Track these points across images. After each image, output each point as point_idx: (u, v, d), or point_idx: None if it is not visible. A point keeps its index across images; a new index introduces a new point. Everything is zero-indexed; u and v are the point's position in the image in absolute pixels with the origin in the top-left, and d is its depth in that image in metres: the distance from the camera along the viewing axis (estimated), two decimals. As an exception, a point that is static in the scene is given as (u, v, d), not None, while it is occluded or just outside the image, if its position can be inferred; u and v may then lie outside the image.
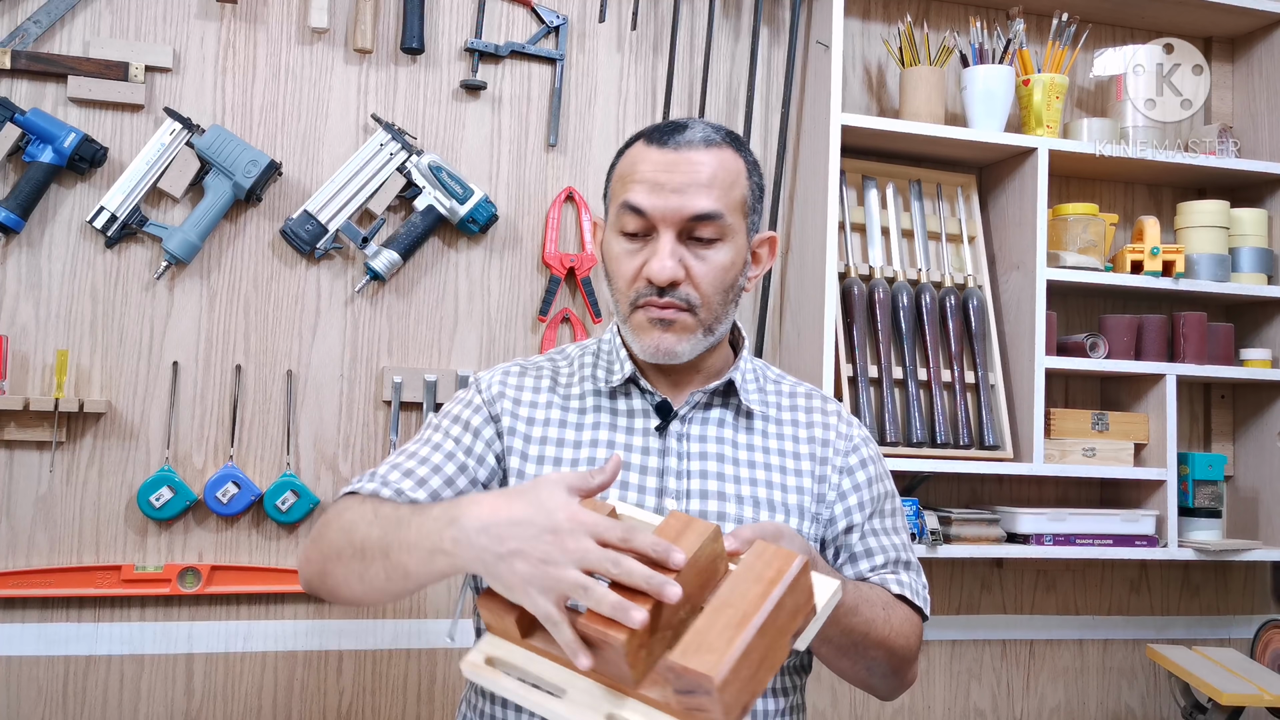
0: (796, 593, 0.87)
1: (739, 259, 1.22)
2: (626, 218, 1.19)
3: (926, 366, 2.18)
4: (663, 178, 1.17)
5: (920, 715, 2.28)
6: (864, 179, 2.24)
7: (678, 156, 1.18)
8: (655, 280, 1.17)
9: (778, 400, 1.31)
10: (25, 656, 1.85)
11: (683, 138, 1.19)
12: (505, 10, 2.11)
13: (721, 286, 1.20)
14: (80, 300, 1.90)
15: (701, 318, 1.20)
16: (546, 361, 1.33)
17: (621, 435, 1.23)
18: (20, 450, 1.87)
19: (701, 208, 1.16)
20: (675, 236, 1.17)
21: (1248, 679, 2.02)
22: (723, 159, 1.20)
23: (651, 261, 1.17)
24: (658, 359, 1.21)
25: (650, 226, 1.18)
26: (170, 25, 1.96)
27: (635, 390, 1.26)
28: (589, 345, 1.34)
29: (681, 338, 1.19)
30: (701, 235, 1.18)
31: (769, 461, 1.25)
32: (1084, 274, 2.20)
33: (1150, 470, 2.21)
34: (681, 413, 1.24)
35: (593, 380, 1.27)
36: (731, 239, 1.20)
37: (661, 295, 1.18)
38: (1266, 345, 2.36)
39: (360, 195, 1.99)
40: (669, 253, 1.16)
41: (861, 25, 2.31)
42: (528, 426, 1.24)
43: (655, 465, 1.22)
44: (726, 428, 1.26)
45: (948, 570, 2.30)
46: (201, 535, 1.93)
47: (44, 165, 1.85)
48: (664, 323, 1.19)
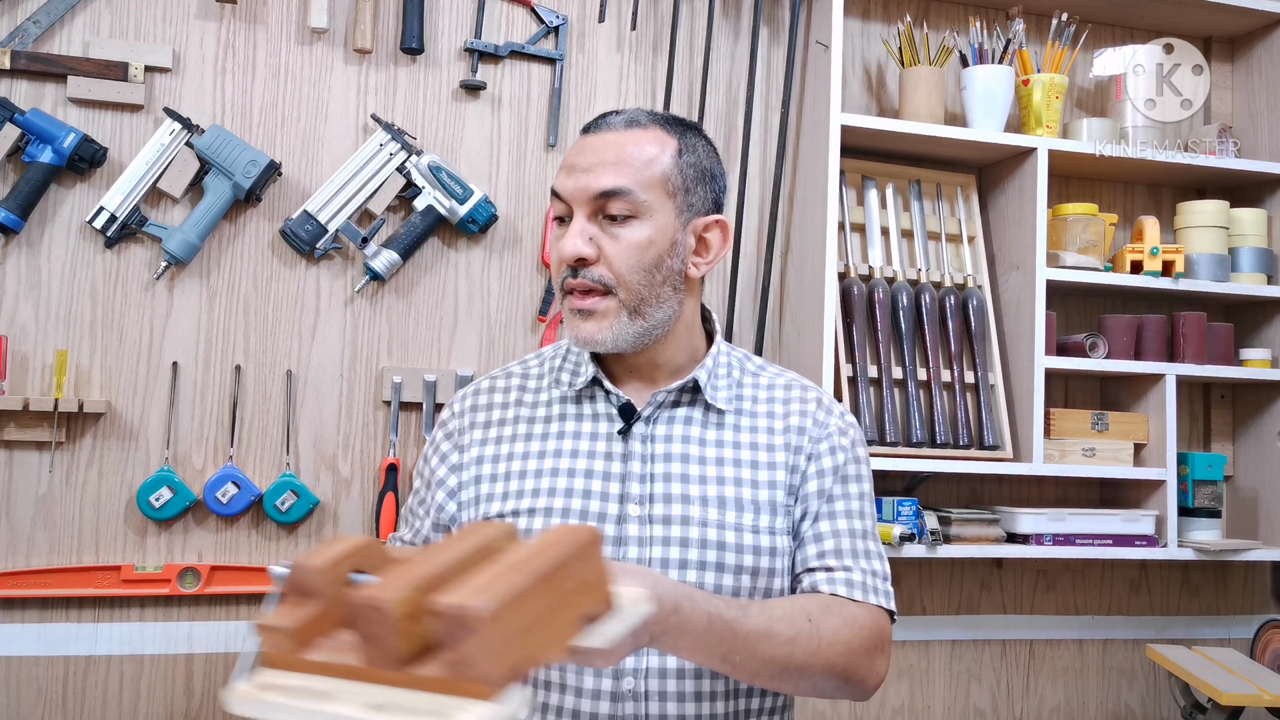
0: (586, 562, 0.83)
1: (661, 238, 1.18)
2: (553, 204, 1.21)
3: (926, 366, 2.18)
4: (577, 160, 1.19)
5: (920, 715, 2.28)
6: (864, 179, 2.24)
7: (595, 139, 1.20)
8: (562, 258, 1.17)
9: (754, 393, 1.28)
10: (25, 656, 1.85)
11: (606, 121, 1.21)
12: (505, 10, 2.11)
13: (639, 265, 1.17)
14: (80, 300, 1.90)
15: (622, 299, 1.17)
16: (519, 367, 1.33)
17: (585, 442, 1.22)
18: (20, 450, 1.87)
19: (606, 184, 1.16)
20: (587, 216, 1.17)
21: (1247, 679, 2.02)
22: (642, 137, 1.19)
23: (562, 240, 1.18)
24: (588, 348, 1.20)
25: (570, 209, 1.19)
26: (170, 25, 1.96)
27: (600, 392, 1.24)
28: (562, 345, 1.31)
29: (601, 325, 1.17)
30: (612, 212, 1.17)
31: (739, 458, 1.23)
32: (1084, 274, 2.20)
33: (1150, 470, 2.21)
34: (645, 414, 1.22)
35: (559, 385, 1.27)
36: (649, 216, 1.17)
37: (575, 275, 1.17)
38: (1266, 345, 2.36)
39: (360, 195, 1.99)
40: (577, 231, 1.17)
41: (861, 25, 2.31)
42: (496, 446, 1.25)
43: (618, 470, 1.20)
44: (694, 425, 1.24)
45: (947, 570, 2.30)
46: (201, 535, 1.93)
47: (44, 165, 1.85)
48: (583, 313, 1.18)
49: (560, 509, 1.18)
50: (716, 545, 1.18)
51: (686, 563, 1.17)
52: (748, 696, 1.20)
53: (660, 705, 1.15)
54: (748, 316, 2.18)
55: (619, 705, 1.14)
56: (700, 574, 1.17)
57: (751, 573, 1.19)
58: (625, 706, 1.14)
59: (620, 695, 1.14)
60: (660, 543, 1.17)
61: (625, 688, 1.15)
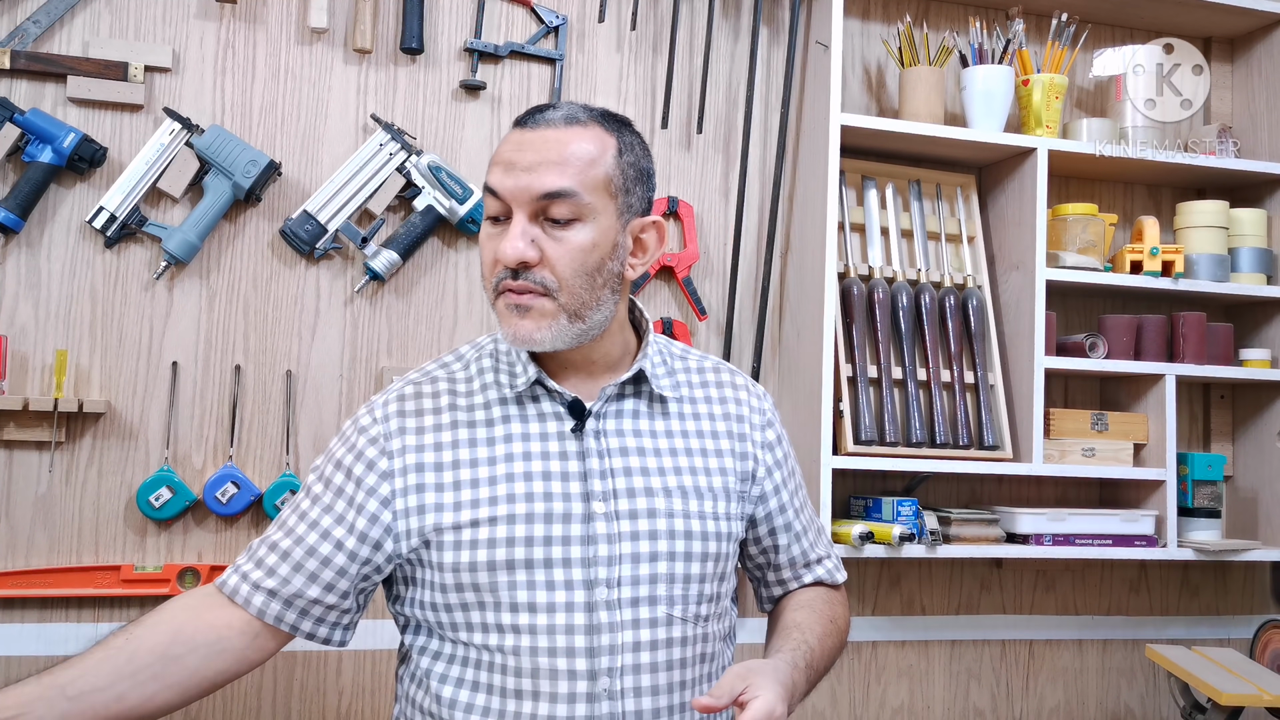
0: None
1: (604, 241, 1.16)
2: (487, 200, 1.17)
3: (926, 367, 2.18)
4: (515, 156, 1.14)
5: (920, 715, 2.28)
6: (863, 179, 2.24)
7: (534, 135, 1.15)
8: (503, 261, 1.13)
9: (687, 379, 1.29)
10: (25, 656, 1.85)
11: (544, 116, 1.17)
12: (505, 10, 2.11)
13: (582, 269, 1.14)
14: (80, 300, 1.90)
15: (562, 302, 1.14)
16: (440, 370, 1.27)
17: (536, 443, 1.19)
18: (19, 450, 1.87)
19: (551, 185, 1.12)
20: (528, 217, 1.13)
21: (1247, 679, 2.02)
22: (583, 136, 1.15)
23: (502, 243, 1.14)
24: (521, 347, 1.17)
25: (508, 208, 1.15)
26: (170, 25, 1.96)
27: (543, 392, 1.21)
28: (484, 346, 1.28)
29: (540, 324, 1.15)
30: (556, 215, 1.13)
31: (689, 446, 1.24)
32: (1083, 274, 2.20)
33: (1150, 470, 2.21)
34: (595, 409, 1.20)
35: (496, 387, 1.22)
36: (592, 219, 1.15)
37: (516, 278, 1.14)
38: (1266, 345, 2.36)
39: (360, 195, 1.99)
40: (519, 234, 1.13)
41: (861, 25, 2.31)
42: (436, 454, 1.18)
43: (576, 469, 1.18)
44: (642, 418, 1.23)
45: (947, 570, 2.30)
46: (201, 535, 1.93)
47: (43, 165, 1.84)
48: (520, 309, 1.15)
49: (523, 514, 1.16)
50: (684, 535, 1.20)
51: (657, 555, 1.18)
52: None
53: (635, 700, 1.15)
54: (748, 316, 2.18)
55: (595, 705, 1.14)
56: (670, 564, 1.18)
57: (715, 558, 1.23)
58: (601, 706, 1.14)
59: (595, 696, 1.14)
60: (629, 538, 1.17)
61: (600, 688, 1.14)
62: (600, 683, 1.14)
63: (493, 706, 1.16)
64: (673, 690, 1.18)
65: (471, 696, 1.17)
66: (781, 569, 1.37)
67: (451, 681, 1.19)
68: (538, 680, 1.15)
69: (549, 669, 1.14)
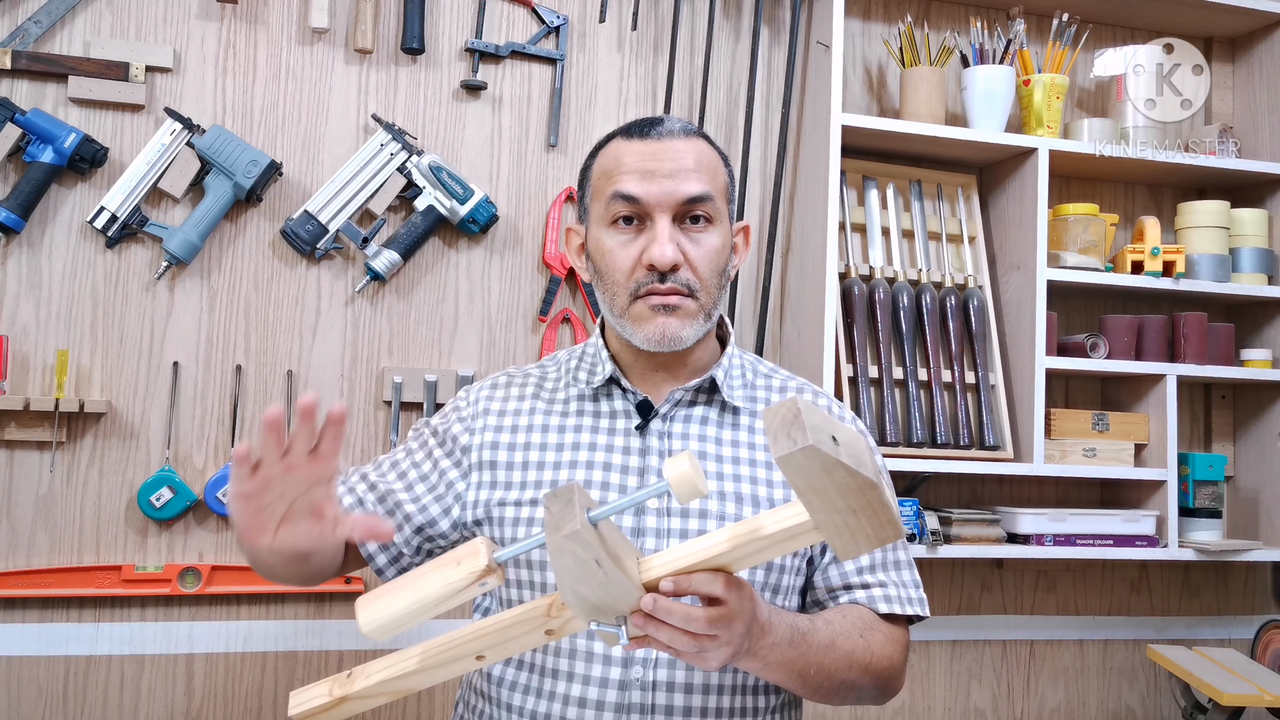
0: None
1: (727, 243, 1.24)
2: (618, 206, 1.20)
3: (927, 367, 2.18)
4: (651, 165, 1.19)
5: (920, 715, 2.28)
6: (864, 179, 2.24)
7: (661, 146, 1.21)
8: (659, 265, 1.18)
9: (767, 395, 1.31)
10: (25, 656, 1.86)
11: (663, 129, 1.23)
12: (505, 10, 2.11)
13: (716, 269, 1.22)
14: (80, 300, 1.90)
15: (702, 302, 1.21)
16: (536, 369, 1.35)
17: (603, 436, 1.24)
18: (20, 450, 1.87)
19: (694, 190, 1.19)
20: (670, 221, 1.19)
21: (1248, 679, 2.02)
22: (704, 146, 1.24)
23: (652, 247, 1.18)
24: (663, 346, 1.20)
25: (643, 215, 1.20)
26: (170, 25, 1.96)
27: (617, 391, 1.27)
28: (577, 350, 1.35)
29: (685, 323, 1.20)
30: (696, 218, 1.20)
31: (754, 458, 1.25)
32: (1084, 274, 2.20)
33: (1150, 470, 2.21)
34: (662, 410, 1.24)
35: (576, 384, 1.29)
36: (720, 223, 1.23)
37: (664, 281, 1.18)
38: (1267, 345, 2.36)
39: (360, 195, 1.99)
40: (669, 237, 1.18)
41: (862, 25, 2.31)
42: (511, 435, 1.26)
43: (635, 465, 1.22)
44: (710, 425, 1.26)
45: (948, 570, 2.30)
46: (202, 535, 1.94)
47: (44, 165, 1.85)
48: (668, 308, 1.19)
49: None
50: None
51: None
52: (754, 694, 1.21)
53: (667, 695, 1.16)
54: (748, 316, 2.18)
55: (626, 694, 1.15)
56: None
57: (765, 567, 1.22)
58: (633, 695, 1.15)
59: (628, 684, 1.15)
60: (677, 534, 1.18)
61: (633, 676, 1.16)
62: (634, 671, 1.16)
63: (532, 684, 1.19)
64: (708, 693, 1.17)
65: (516, 675, 1.21)
66: (816, 589, 1.26)
67: None
68: (574, 661, 1.17)
69: (585, 651, 1.17)
